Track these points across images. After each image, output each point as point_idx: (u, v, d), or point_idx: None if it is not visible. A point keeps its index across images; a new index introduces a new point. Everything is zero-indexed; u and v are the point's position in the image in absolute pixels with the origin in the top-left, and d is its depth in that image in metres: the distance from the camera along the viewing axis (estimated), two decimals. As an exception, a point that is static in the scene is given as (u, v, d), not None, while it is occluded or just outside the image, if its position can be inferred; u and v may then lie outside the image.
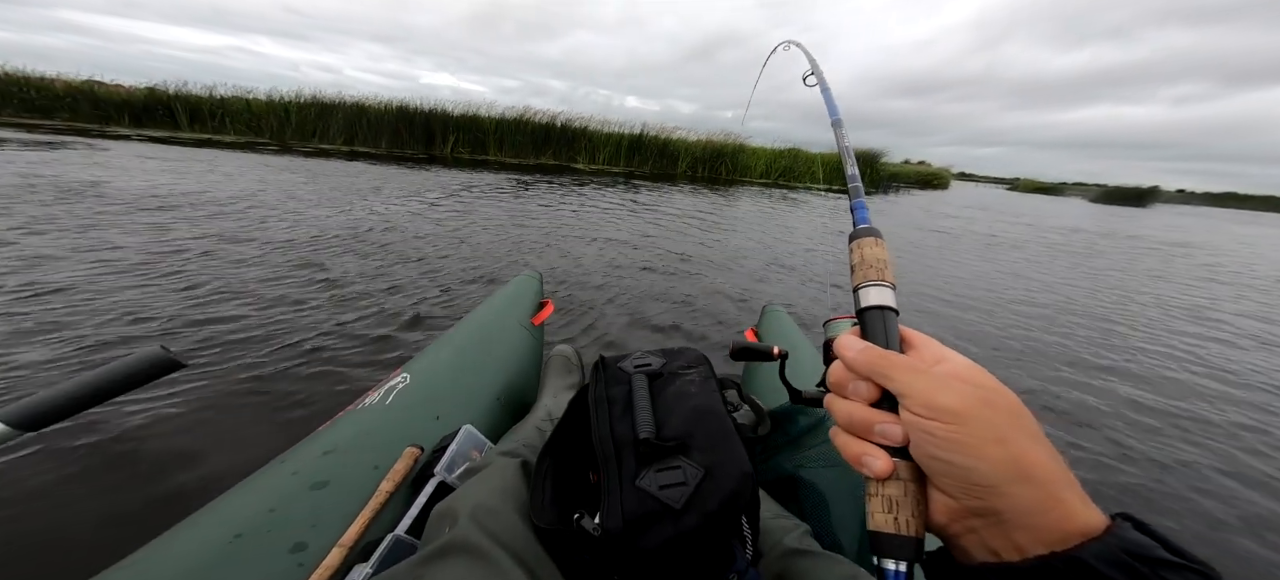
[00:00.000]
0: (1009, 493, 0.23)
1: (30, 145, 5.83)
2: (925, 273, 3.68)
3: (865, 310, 0.32)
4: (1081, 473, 1.29)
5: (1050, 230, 7.98)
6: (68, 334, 1.55)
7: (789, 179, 15.12)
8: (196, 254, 2.40)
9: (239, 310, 1.84)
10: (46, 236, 2.43)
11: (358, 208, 3.96)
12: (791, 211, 7.02)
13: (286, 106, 10.40)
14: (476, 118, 11.49)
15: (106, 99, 9.68)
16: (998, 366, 2.08)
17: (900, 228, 6.24)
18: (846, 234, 0.37)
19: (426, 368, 0.85)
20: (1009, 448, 0.24)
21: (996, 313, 2.82)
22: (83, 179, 3.99)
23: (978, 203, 16.02)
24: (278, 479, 0.59)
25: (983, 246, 5.26)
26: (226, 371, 1.48)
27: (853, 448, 0.28)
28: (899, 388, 0.27)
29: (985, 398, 0.25)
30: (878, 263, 0.33)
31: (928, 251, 4.61)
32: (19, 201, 3.05)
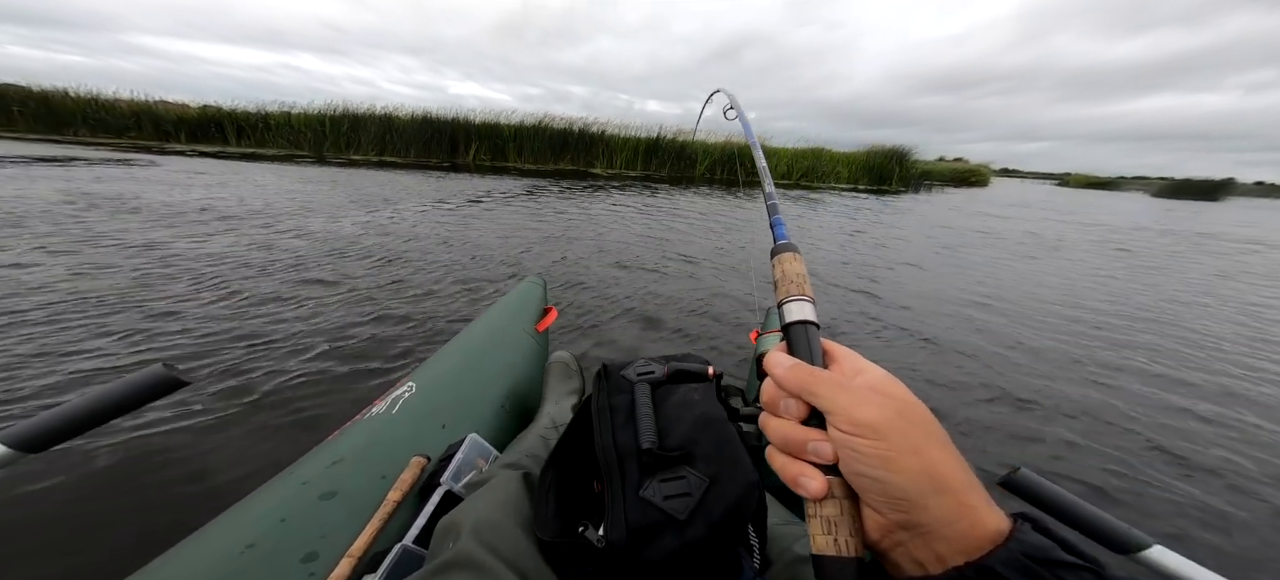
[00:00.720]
0: (927, 504, 0.24)
1: (94, 162, 6.44)
2: (957, 277, 3.48)
3: (790, 325, 0.32)
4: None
5: (1104, 227, 7.37)
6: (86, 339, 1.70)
7: (811, 180, 14.74)
8: (218, 264, 2.58)
9: (254, 318, 1.96)
10: (79, 252, 2.67)
11: (383, 213, 4.16)
12: (809, 214, 6.82)
13: (322, 120, 11.03)
14: (497, 126, 11.82)
15: (166, 117, 10.57)
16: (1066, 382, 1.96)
17: (914, 230, 5.95)
18: (774, 243, 0.38)
19: (432, 376, 0.86)
20: (923, 458, 0.25)
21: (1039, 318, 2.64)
22: (118, 192, 4.36)
23: (1021, 200, 15.07)
24: (288, 489, 0.59)
25: (1023, 245, 4.93)
26: (242, 376, 1.55)
27: (789, 469, 0.28)
28: (825, 404, 0.27)
29: (900, 410, 0.26)
30: (798, 278, 0.34)
31: (962, 254, 4.37)
32: (58, 216, 3.37)
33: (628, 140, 12.76)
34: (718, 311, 2.46)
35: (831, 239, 4.79)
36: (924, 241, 4.99)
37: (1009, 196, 17.27)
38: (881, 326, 2.44)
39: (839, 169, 15.39)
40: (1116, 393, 1.90)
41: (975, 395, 1.81)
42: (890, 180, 15.87)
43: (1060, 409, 1.75)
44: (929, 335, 2.36)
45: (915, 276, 3.49)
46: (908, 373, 1.97)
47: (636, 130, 12.93)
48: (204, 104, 10.93)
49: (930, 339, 2.30)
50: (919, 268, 3.79)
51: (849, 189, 14.21)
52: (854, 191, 13.60)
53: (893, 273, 3.53)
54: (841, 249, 4.31)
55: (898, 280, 3.34)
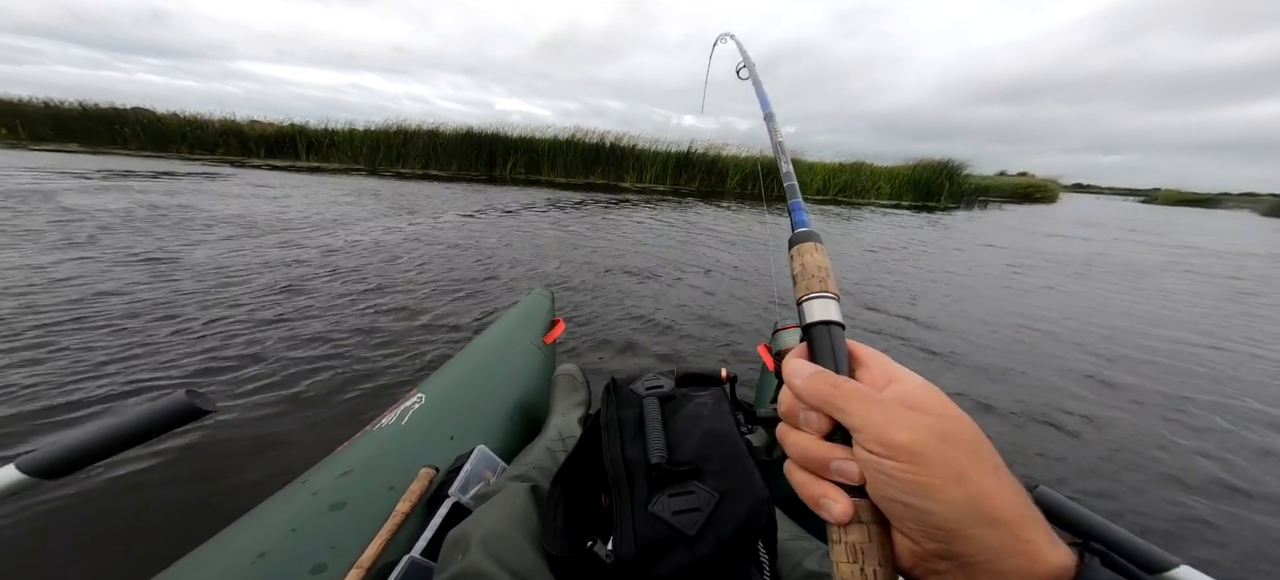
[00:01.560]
0: (972, 536, 0.21)
1: (183, 176, 7.39)
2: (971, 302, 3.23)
3: (811, 326, 0.29)
4: None
5: (1196, 249, 6.47)
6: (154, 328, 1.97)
7: (849, 195, 14.17)
8: (262, 271, 2.89)
9: (279, 323, 2.19)
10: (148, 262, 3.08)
11: (426, 222, 4.49)
12: (844, 231, 6.57)
13: (375, 136, 12.02)
14: (532, 140, 12.34)
15: (248, 135, 11.94)
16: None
17: (940, 248, 5.55)
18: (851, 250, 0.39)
19: (441, 388, 0.87)
20: (969, 485, 0.21)
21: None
22: (184, 204, 4.98)
23: (1094, 218, 13.68)
24: (299, 499, 0.60)
25: (1065, 267, 4.46)
26: (276, 377, 1.67)
27: (810, 489, 0.25)
28: (851, 421, 0.24)
29: (942, 430, 0.23)
30: (820, 272, 0.30)
31: (982, 275, 4.04)
32: (138, 221, 3.90)
33: (658, 155, 12.89)
34: (733, 320, 2.47)
35: (853, 253, 4.60)
36: (948, 262, 4.65)
37: (1080, 213, 15.73)
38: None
39: (880, 184, 14.71)
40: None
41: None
42: (939, 196, 14.95)
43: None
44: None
45: (909, 299, 3.28)
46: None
47: (667, 145, 13.04)
48: (279, 122, 12.22)
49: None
50: (913, 293, 3.56)
51: (890, 205, 13.53)
52: (896, 208, 12.93)
53: (890, 293, 3.34)
54: (850, 269, 4.12)
55: (886, 299, 3.16)
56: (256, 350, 1.87)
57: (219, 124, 11.93)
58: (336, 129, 12.18)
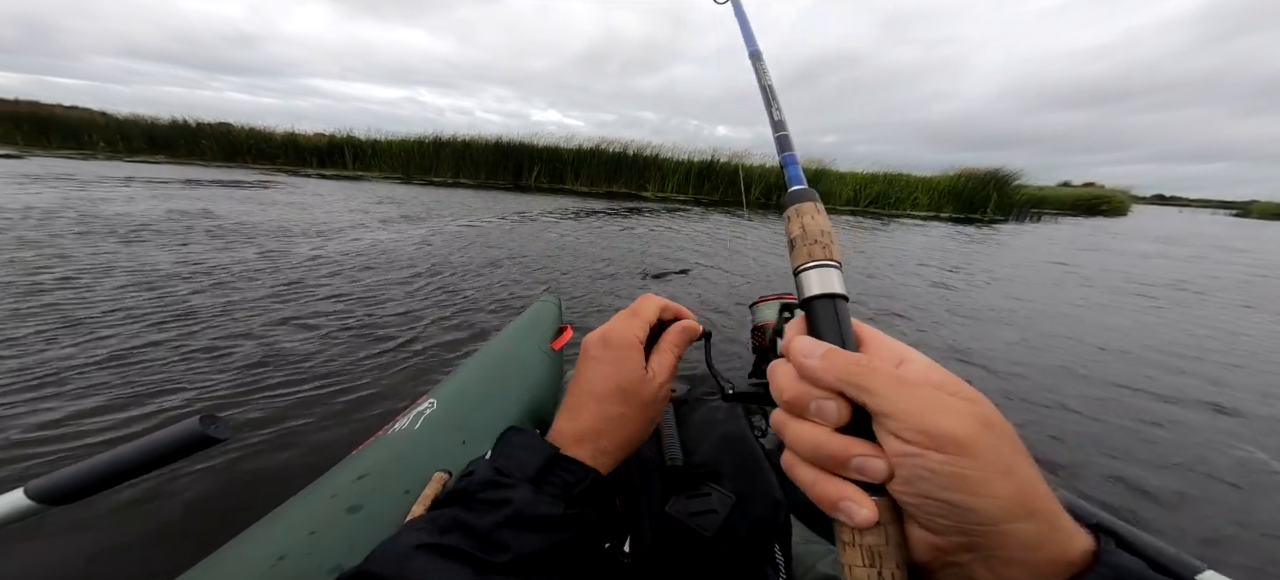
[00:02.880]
0: (1010, 530, 0.19)
1: (244, 184, 8.22)
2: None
3: (813, 299, 0.25)
4: None
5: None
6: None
7: (882, 206, 13.54)
8: (284, 272, 3.19)
9: (301, 324, 2.41)
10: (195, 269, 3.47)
11: (447, 227, 4.79)
12: (849, 239, 6.31)
13: (410, 146, 12.83)
14: (556, 150, 12.72)
15: (304, 146, 13.10)
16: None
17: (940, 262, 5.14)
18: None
19: (452, 393, 0.89)
20: (1015, 479, 0.20)
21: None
22: (207, 209, 5.53)
23: (1172, 234, 12.31)
24: (317, 502, 0.62)
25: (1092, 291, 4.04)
26: (302, 376, 1.78)
27: (823, 488, 0.22)
28: (882, 405, 0.21)
29: (985, 416, 0.21)
30: (822, 236, 0.26)
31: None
32: (183, 225, 4.38)
33: (680, 164, 12.92)
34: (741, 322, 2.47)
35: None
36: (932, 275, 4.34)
37: (1155, 228, 14.24)
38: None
39: (917, 195, 13.96)
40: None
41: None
42: (984, 208, 13.99)
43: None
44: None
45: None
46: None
47: (691, 153, 13.06)
48: (330, 134, 13.32)
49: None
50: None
51: (927, 217, 12.82)
52: (934, 219, 12.24)
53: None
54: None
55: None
56: (274, 351, 2.00)
57: (280, 137, 13.18)
58: (378, 140, 13.12)
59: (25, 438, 1.39)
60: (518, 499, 0.27)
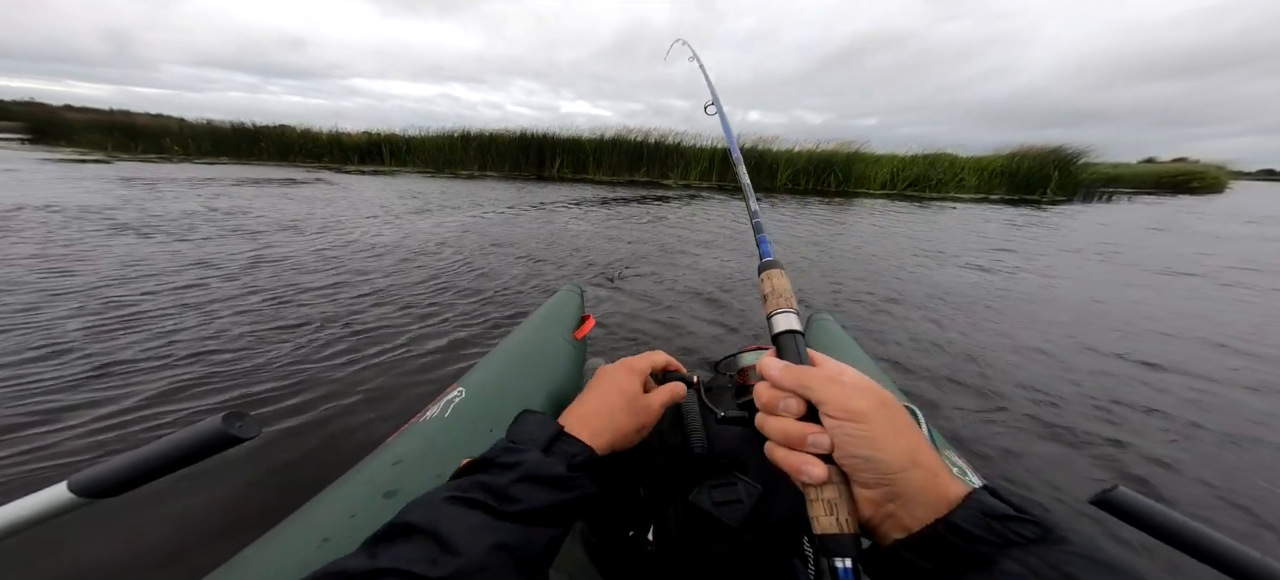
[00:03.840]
0: (907, 477, 0.29)
1: (292, 182, 8.86)
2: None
3: (780, 334, 0.36)
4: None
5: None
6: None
7: (921, 190, 12.64)
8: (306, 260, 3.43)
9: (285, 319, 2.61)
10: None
11: (441, 216, 4.99)
12: (833, 232, 5.94)
13: (438, 141, 13.32)
14: (579, 141, 12.79)
15: (347, 145, 13.92)
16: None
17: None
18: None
19: (479, 382, 0.93)
20: (904, 439, 0.30)
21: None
22: (242, 206, 5.96)
23: (1272, 212, 10.64)
24: (356, 487, 0.65)
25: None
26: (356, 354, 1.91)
27: (791, 460, 0.31)
28: (819, 396, 0.31)
29: (881, 400, 0.31)
30: (785, 292, 0.38)
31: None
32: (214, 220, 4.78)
33: (702, 151, 12.63)
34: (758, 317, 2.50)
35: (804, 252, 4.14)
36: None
37: (1257, 206, 12.46)
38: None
39: (963, 176, 12.92)
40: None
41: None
42: (1043, 188, 12.77)
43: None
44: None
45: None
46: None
47: (715, 141, 12.72)
48: (370, 132, 14.07)
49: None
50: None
51: (974, 199, 11.85)
52: (983, 201, 11.31)
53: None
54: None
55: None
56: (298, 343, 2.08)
57: (326, 137, 14.07)
58: (412, 136, 13.70)
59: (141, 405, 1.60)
60: (528, 460, 0.34)
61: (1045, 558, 0.25)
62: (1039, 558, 0.25)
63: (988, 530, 0.26)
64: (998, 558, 0.26)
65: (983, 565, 0.26)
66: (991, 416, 1.75)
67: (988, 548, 0.26)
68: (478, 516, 0.31)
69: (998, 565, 0.26)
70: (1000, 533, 0.26)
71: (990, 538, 0.26)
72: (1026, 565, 0.25)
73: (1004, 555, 0.26)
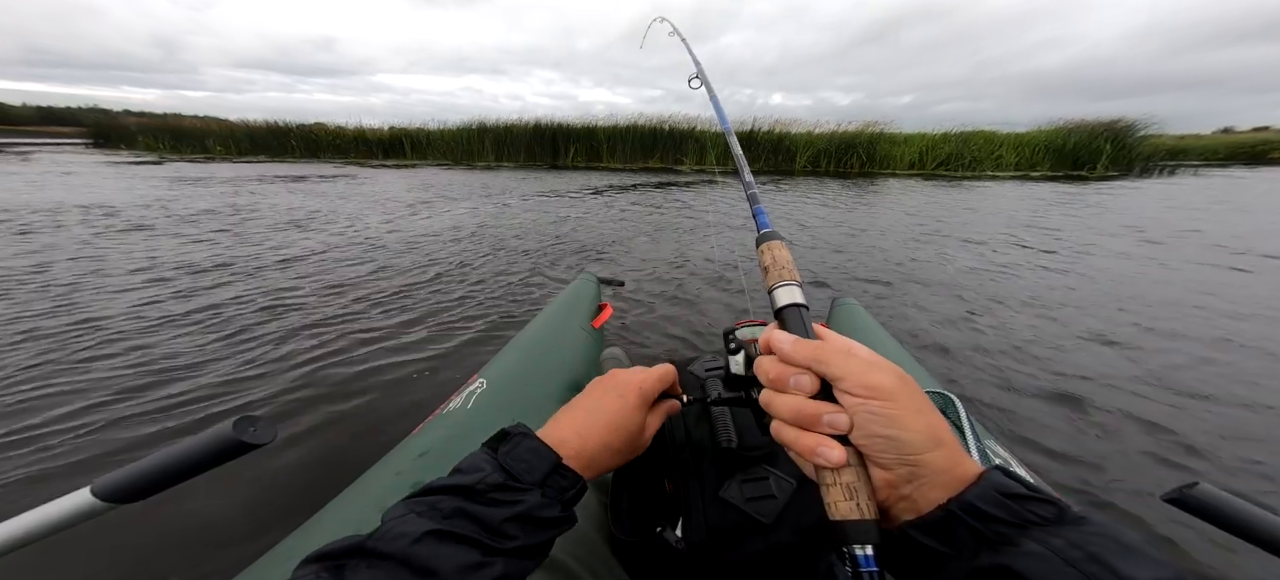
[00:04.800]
0: (929, 457, 0.27)
1: (328, 178, 9.25)
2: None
3: (784, 308, 0.33)
4: None
5: None
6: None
7: (952, 168, 11.89)
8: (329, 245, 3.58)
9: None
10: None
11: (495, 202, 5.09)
12: (802, 203, 5.60)
13: (455, 134, 13.56)
14: (592, 130, 12.72)
15: (371, 140, 14.39)
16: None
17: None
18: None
19: (500, 373, 0.93)
20: (926, 418, 0.28)
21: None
22: (270, 202, 6.22)
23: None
24: (384, 479, 0.66)
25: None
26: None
27: (805, 441, 0.29)
28: (836, 372, 0.29)
29: (901, 376, 0.29)
30: (787, 264, 0.35)
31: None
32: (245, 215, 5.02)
33: (718, 135, 12.29)
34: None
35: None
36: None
37: None
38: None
39: (1002, 153, 12.08)
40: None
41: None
42: (1093, 163, 11.80)
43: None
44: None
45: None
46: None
47: (732, 123, 12.39)
48: (393, 127, 14.48)
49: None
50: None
51: (1014, 176, 11.07)
52: (1023, 178, 10.56)
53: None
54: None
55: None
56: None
57: (352, 133, 14.60)
58: (432, 130, 14.01)
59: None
60: (527, 502, 0.31)
61: (1068, 537, 0.23)
62: (1062, 537, 0.24)
63: (1005, 510, 0.25)
64: (1016, 538, 0.24)
65: (999, 545, 0.25)
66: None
67: (1005, 528, 0.25)
68: (468, 553, 0.28)
69: (1017, 546, 0.24)
70: (1017, 512, 0.25)
71: (1007, 518, 0.25)
72: (1048, 546, 0.23)
73: (1023, 535, 0.24)
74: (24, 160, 10.87)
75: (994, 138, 12.24)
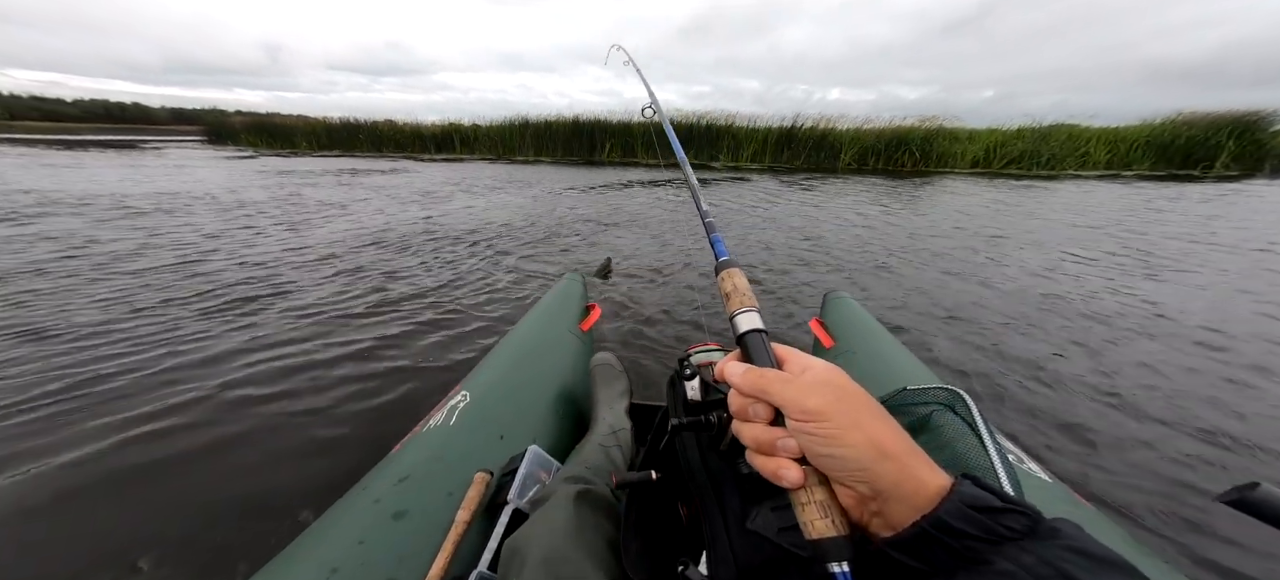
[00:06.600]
0: (876, 470, 0.27)
1: (376, 172, 10.10)
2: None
3: (744, 335, 0.34)
4: None
5: None
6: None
7: (1025, 167, 10.58)
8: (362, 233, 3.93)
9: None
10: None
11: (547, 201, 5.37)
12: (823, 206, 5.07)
13: (499, 130, 14.14)
14: (628, 126, 12.75)
15: (426, 135, 15.45)
16: None
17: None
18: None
19: (484, 384, 0.87)
20: (865, 430, 0.28)
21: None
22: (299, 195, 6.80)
23: None
24: (362, 508, 0.61)
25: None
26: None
27: (768, 466, 0.30)
28: (777, 401, 0.30)
29: (838, 393, 0.29)
30: (745, 291, 0.37)
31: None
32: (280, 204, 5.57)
33: (756, 131, 11.87)
34: (788, 296, 2.44)
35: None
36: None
37: None
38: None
39: (1089, 150, 10.59)
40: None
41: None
42: (1210, 161, 10.04)
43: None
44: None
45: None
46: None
47: (769, 120, 11.89)
48: (444, 122, 15.45)
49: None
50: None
51: (1103, 175, 9.68)
52: (1118, 177, 9.23)
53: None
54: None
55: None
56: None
57: (408, 129, 15.77)
58: (480, 126, 14.77)
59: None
60: None
61: (1040, 554, 0.23)
62: (1034, 555, 0.23)
63: (976, 526, 0.25)
64: (989, 556, 0.24)
65: (974, 563, 0.24)
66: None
67: (978, 544, 0.25)
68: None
69: (991, 564, 0.24)
70: (989, 527, 0.25)
71: (979, 534, 0.25)
72: (1020, 563, 0.23)
73: (997, 552, 0.24)
74: (158, 154, 12.80)
75: (1080, 132, 10.73)
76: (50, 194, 5.26)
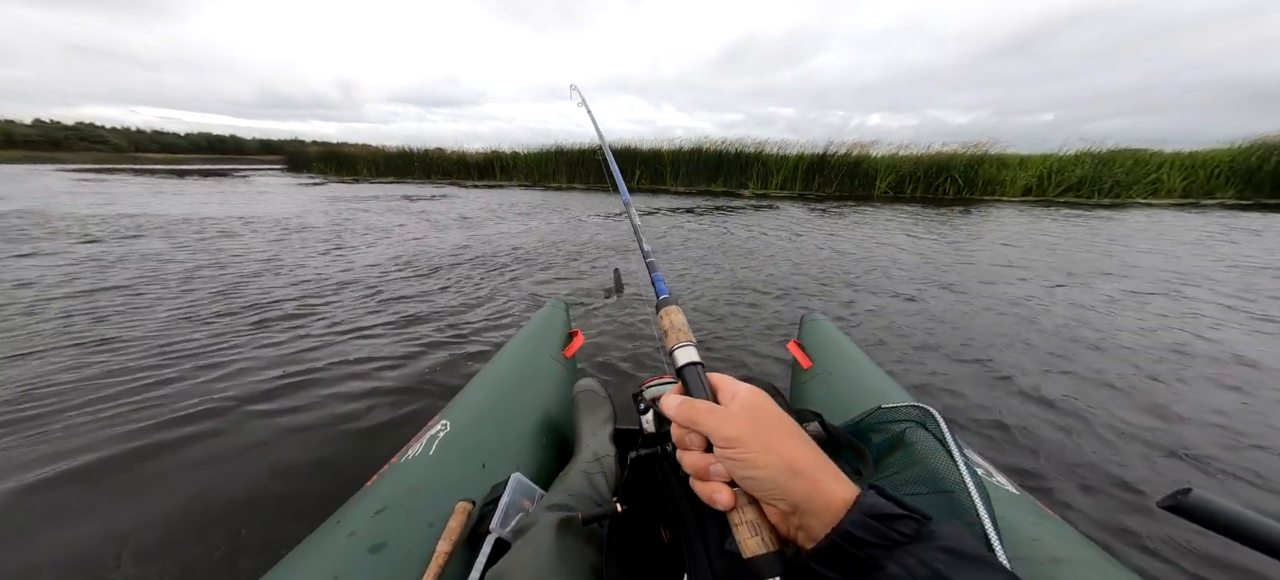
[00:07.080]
0: (789, 487, 0.30)
1: (423, 197, 10.89)
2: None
3: (683, 368, 0.37)
4: None
5: None
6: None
7: (1084, 195, 9.76)
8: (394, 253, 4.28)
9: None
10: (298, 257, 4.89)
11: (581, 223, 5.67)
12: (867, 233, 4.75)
13: (535, 158, 14.83)
14: (658, 153, 13.01)
15: (469, 162, 16.49)
16: None
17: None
18: None
19: (466, 413, 0.86)
20: (777, 451, 0.31)
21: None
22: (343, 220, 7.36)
23: None
24: (335, 542, 0.58)
25: None
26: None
27: (704, 491, 0.33)
28: (705, 430, 0.33)
29: (753, 417, 0.32)
30: (683, 327, 0.39)
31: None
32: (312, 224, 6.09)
33: (785, 159, 11.75)
34: (766, 320, 2.47)
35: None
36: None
37: None
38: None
39: (1161, 176, 9.64)
40: None
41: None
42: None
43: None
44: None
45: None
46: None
47: (800, 147, 11.76)
48: (485, 151, 16.45)
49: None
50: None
51: (1177, 204, 8.76)
52: (1194, 206, 8.35)
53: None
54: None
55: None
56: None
57: (454, 156, 16.93)
58: (518, 153, 15.61)
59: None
60: None
61: (920, 557, 0.26)
62: (914, 557, 0.26)
63: (873, 532, 0.27)
64: (883, 561, 0.26)
65: (872, 569, 0.27)
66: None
67: (876, 551, 0.27)
68: None
69: (885, 569, 0.26)
70: (883, 533, 0.27)
71: (875, 541, 0.27)
72: (904, 566, 0.26)
73: (890, 557, 0.26)
74: (245, 180, 14.47)
75: (1149, 156, 9.81)
76: (147, 216, 6.08)
